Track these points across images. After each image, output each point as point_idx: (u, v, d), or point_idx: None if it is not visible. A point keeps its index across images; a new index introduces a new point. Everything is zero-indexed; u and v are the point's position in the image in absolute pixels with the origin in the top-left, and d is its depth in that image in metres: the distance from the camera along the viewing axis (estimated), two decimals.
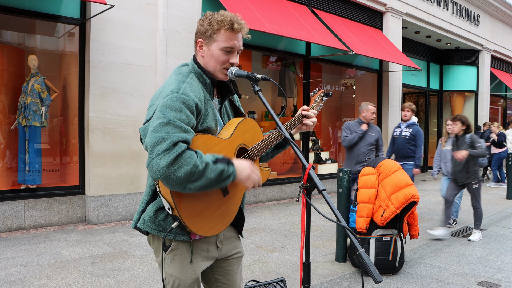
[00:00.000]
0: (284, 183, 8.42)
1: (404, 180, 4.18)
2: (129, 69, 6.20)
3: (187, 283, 1.74)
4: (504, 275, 4.23)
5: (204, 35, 1.72)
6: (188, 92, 1.60)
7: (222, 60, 1.71)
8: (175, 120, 1.51)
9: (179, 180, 1.45)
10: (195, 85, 1.67)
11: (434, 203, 8.28)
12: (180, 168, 1.44)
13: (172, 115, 1.52)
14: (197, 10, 6.80)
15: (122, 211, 6.17)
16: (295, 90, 9.60)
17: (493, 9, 14.88)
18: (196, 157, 1.49)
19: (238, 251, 1.94)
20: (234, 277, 1.94)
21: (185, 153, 1.47)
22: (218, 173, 1.53)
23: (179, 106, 1.54)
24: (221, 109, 1.85)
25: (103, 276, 3.98)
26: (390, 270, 4.21)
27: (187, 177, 1.46)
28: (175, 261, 1.72)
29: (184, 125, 1.52)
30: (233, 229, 1.94)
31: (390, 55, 9.64)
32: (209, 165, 1.51)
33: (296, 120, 1.97)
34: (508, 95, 18.10)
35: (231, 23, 1.68)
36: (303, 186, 1.54)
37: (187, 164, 1.45)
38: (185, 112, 1.55)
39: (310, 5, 8.95)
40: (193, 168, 1.46)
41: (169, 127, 1.49)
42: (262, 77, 1.70)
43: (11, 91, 6.07)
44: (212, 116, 1.71)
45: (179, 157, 1.45)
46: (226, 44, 1.70)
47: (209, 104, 1.72)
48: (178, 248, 1.72)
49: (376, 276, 1.30)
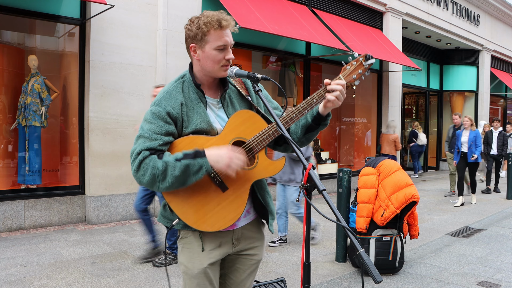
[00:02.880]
0: None
1: (404, 180, 4.18)
2: (129, 69, 6.20)
3: (194, 272, 1.77)
4: (504, 275, 4.23)
5: (195, 39, 1.74)
6: (162, 103, 1.72)
7: (219, 59, 1.73)
8: (146, 131, 1.68)
9: (148, 183, 1.64)
10: (173, 94, 1.75)
11: (434, 203, 8.28)
12: (145, 172, 1.62)
13: (146, 127, 1.69)
14: (197, 10, 6.79)
15: (122, 211, 6.17)
16: (295, 90, 9.60)
17: (493, 9, 14.88)
18: (156, 160, 1.62)
19: (254, 253, 1.93)
20: (241, 275, 1.94)
21: (147, 158, 1.62)
22: (183, 169, 1.61)
23: (151, 117, 1.70)
24: (224, 106, 1.84)
25: (103, 276, 3.98)
26: (390, 270, 4.21)
27: (152, 179, 1.62)
28: (185, 250, 1.81)
29: (153, 134, 1.67)
30: (259, 230, 1.94)
31: (390, 55, 9.64)
32: (170, 164, 1.61)
33: (313, 98, 1.76)
34: (508, 95, 18.10)
35: (218, 22, 1.70)
36: (303, 186, 1.54)
37: (149, 167, 1.61)
38: (156, 122, 1.68)
39: (310, 5, 8.95)
40: (154, 169, 1.61)
41: (140, 139, 1.68)
42: (263, 77, 1.71)
43: (11, 91, 6.06)
44: (201, 118, 1.73)
45: (141, 163, 1.63)
46: (218, 42, 1.72)
47: (198, 107, 1.75)
48: (187, 237, 1.80)
49: (376, 276, 1.30)
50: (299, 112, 1.75)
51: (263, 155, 1.76)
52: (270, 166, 1.76)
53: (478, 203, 8.44)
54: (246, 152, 1.73)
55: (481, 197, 9.22)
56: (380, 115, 11.06)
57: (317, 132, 1.89)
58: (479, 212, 7.51)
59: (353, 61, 1.79)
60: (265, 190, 1.89)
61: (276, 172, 1.78)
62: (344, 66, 1.80)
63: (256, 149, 1.74)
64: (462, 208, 7.91)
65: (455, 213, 7.37)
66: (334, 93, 1.73)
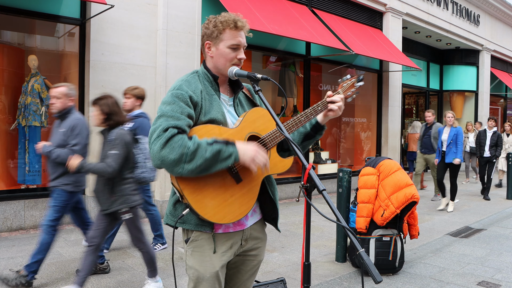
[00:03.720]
0: (284, 183, 8.41)
1: (404, 180, 4.18)
2: (129, 69, 6.20)
3: (206, 276, 1.75)
4: (504, 275, 4.23)
5: (210, 36, 1.81)
6: (183, 87, 1.72)
7: (231, 57, 1.80)
8: (168, 111, 1.65)
9: (173, 162, 1.56)
10: (192, 82, 1.77)
11: (434, 203, 8.28)
12: (172, 150, 1.56)
13: (166, 109, 1.66)
14: (197, 10, 6.80)
15: None
16: (295, 90, 9.60)
17: (493, 9, 14.88)
18: (186, 139, 1.59)
19: (257, 253, 1.94)
20: (243, 276, 1.95)
21: (176, 136, 1.58)
22: (214, 153, 1.59)
23: (173, 100, 1.68)
24: (235, 105, 1.89)
25: (103, 276, 3.98)
26: (390, 270, 4.21)
27: (179, 158, 1.56)
28: (195, 253, 1.77)
29: (177, 114, 1.64)
30: (263, 230, 1.96)
31: (390, 55, 9.64)
32: (202, 146, 1.59)
33: (318, 106, 1.89)
34: (508, 95, 18.10)
35: (234, 22, 1.79)
36: (303, 186, 1.54)
37: (178, 146, 1.56)
38: (178, 104, 1.67)
39: (310, 5, 8.95)
40: (184, 149, 1.56)
41: (162, 118, 1.64)
42: (263, 77, 1.73)
43: (11, 91, 6.07)
44: (217, 109, 1.77)
45: (170, 141, 1.57)
46: (232, 41, 1.79)
47: (214, 99, 1.80)
48: (199, 240, 1.76)
49: (376, 276, 1.31)
50: (307, 116, 1.86)
51: (274, 152, 1.83)
52: (280, 163, 1.83)
53: (478, 203, 8.44)
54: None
55: (481, 197, 9.21)
56: (380, 115, 11.05)
57: (313, 141, 2.02)
58: (479, 212, 7.51)
59: (348, 80, 2.00)
60: (274, 187, 1.93)
61: (285, 169, 1.86)
62: (340, 84, 1.99)
63: (269, 145, 1.80)
64: (462, 208, 7.90)
65: (455, 213, 7.36)
66: (337, 103, 1.89)
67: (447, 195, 7.73)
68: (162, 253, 4.68)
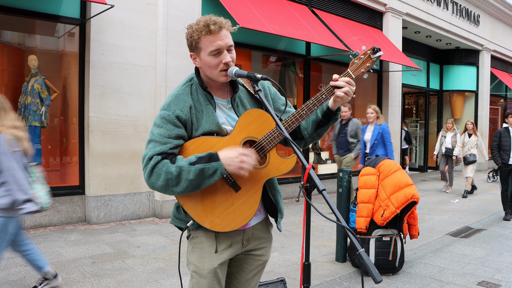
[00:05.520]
0: (284, 183, 8.41)
1: (404, 180, 4.18)
2: (129, 69, 6.20)
3: (204, 272, 1.79)
4: (504, 275, 4.23)
5: (191, 47, 1.77)
6: (171, 107, 1.73)
7: (215, 64, 1.72)
8: (156, 136, 1.69)
9: (161, 188, 1.65)
10: (182, 97, 1.76)
11: (434, 203, 8.28)
12: (158, 177, 1.63)
13: (156, 132, 1.70)
14: (197, 10, 6.79)
15: (122, 211, 6.17)
16: (295, 90, 9.59)
17: (493, 9, 14.88)
18: (169, 165, 1.63)
19: (262, 253, 1.94)
20: (247, 275, 1.95)
21: (159, 163, 1.63)
22: (197, 173, 1.61)
23: (161, 122, 1.71)
24: (234, 106, 1.84)
25: (103, 276, 3.98)
26: (390, 270, 4.21)
27: (166, 184, 1.63)
28: (195, 249, 1.82)
29: (164, 138, 1.68)
30: (267, 230, 1.96)
31: (390, 55, 9.64)
32: (184, 169, 1.61)
33: (322, 94, 1.74)
34: (508, 95, 18.10)
35: (207, 27, 1.69)
36: (303, 186, 1.54)
37: (163, 172, 1.62)
38: (166, 126, 1.69)
39: (310, 5, 8.95)
40: (168, 174, 1.62)
41: (151, 144, 1.70)
42: (262, 77, 1.70)
43: (11, 91, 6.06)
44: (210, 121, 1.74)
45: (155, 168, 1.64)
46: (210, 48, 1.70)
47: (206, 109, 1.76)
48: (198, 237, 1.81)
49: (376, 276, 1.30)
50: (309, 108, 1.74)
51: (274, 154, 1.76)
52: (281, 164, 1.77)
53: (478, 203, 8.44)
54: (257, 151, 1.74)
55: (481, 197, 9.21)
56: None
57: (328, 127, 1.89)
58: (479, 212, 7.51)
59: (361, 54, 1.79)
60: (276, 189, 1.92)
61: (287, 170, 1.79)
62: (352, 61, 1.79)
63: (267, 148, 1.74)
64: (462, 208, 7.91)
65: (455, 213, 7.37)
66: (343, 89, 1.72)
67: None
68: (162, 253, 4.69)
